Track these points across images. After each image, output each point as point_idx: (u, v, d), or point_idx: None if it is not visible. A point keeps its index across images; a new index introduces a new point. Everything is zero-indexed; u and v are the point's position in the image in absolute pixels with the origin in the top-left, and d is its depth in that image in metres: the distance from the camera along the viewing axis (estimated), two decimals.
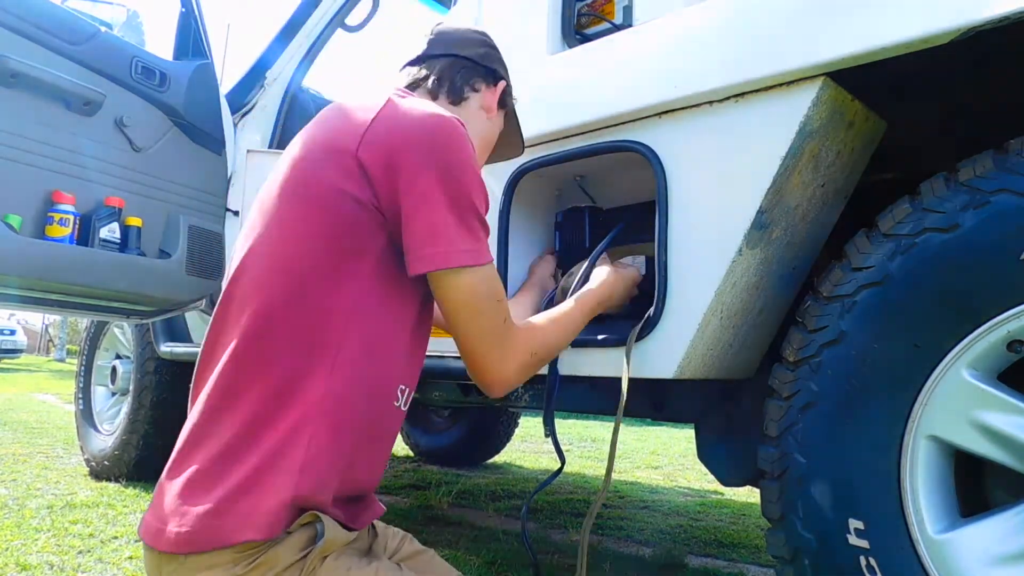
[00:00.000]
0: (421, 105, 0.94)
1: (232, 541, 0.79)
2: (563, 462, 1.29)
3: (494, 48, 1.18)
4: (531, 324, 1.05)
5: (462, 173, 0.89)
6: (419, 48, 1.16)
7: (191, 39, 2.10)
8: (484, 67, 1.15)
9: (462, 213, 0.89)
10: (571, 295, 1.19)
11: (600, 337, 1.24)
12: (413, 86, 1.12)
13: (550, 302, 1.32)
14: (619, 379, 1.22)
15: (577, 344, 1.24)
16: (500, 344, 0.95)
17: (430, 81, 1.11)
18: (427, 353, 1.73)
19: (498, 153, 1.29)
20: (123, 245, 1.83)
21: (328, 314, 0.87)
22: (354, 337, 0.88)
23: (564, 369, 1.27)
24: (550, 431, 1.25)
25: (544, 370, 1.28)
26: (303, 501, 0.83)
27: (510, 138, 1.27)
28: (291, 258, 0.89)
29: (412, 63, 1.15)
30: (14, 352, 18.72)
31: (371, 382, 0.91)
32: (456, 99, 1.12)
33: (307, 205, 0.89)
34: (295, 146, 0.97)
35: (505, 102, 1.19)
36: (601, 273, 1.23)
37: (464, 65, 1.13)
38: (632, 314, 1.30)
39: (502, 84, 1.17)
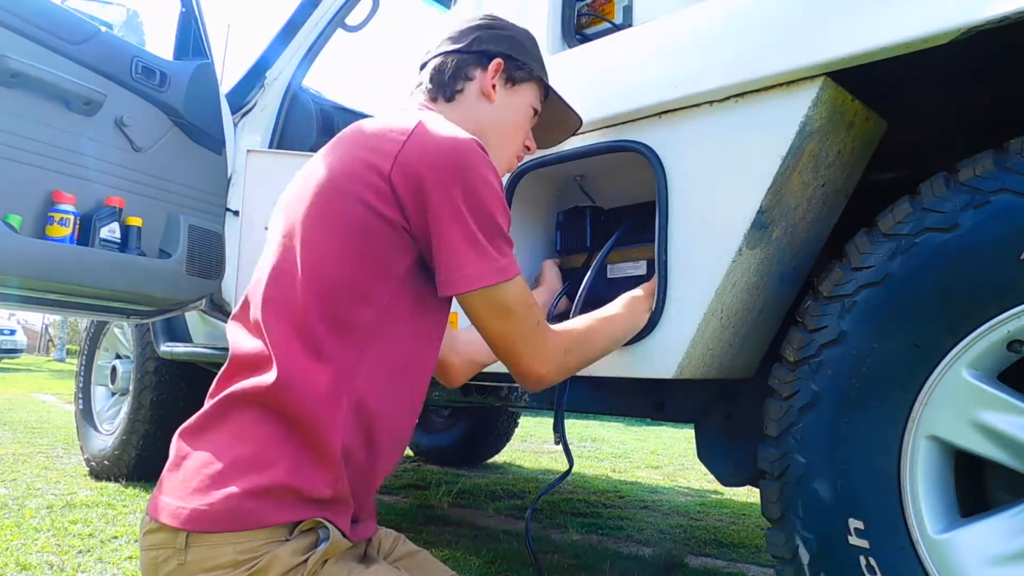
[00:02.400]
0: (446, 128, 0.94)
1: (224, 528, 0.81)
2: (571, 464, 1.29)
3: (488, 28, 1.13)
4: (566, 325, 1.07)
5: (482, 194, 0.90)
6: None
7: (191, 39, 2.10)
8: (473, 52, 1.10)
9: (486, 233, 0.90)
10: (579, 302, 1.22)
11: None
12: (415, 96, 1.12)
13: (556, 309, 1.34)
14: (623, 379, 1.22)
15: None
16: (532, 345, 0.98)
17: (423, 88, 1.11)
18: None
19: (551, 133, 1.25)
20: (123, 245, 1.83)
21: (353, 331, 0.89)
22: (373, 354, 0.90)
23: None
24: (560, 436, 1.25)
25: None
26: (299, 492, 0.84)
27: (557, 117, 1.22)
28: (323, 278, 0.89)
29: (419, 70, 1.15)
30: (14, 352, 18.70)
31: (390, 394, 0.93)
32: (449, 96, 1.10)
33: (340, 224, 0.90)
34: (321, 164, 0.96)
35: (514, 77, 1.13)
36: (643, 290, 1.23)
37: (451, 59, 1.10)
38: None
39: (497, 62, 1.11)
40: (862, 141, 1.15)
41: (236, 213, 2.10)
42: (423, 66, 1.14)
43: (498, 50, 1.12)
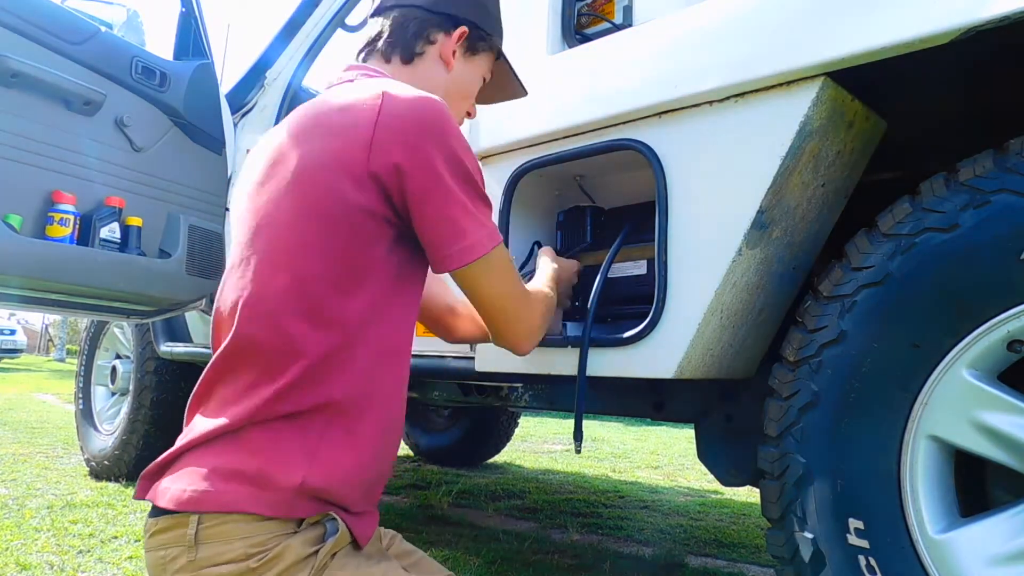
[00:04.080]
0: (410, 93, 0.89)
1: (236, 509, 0.80)
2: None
3: None
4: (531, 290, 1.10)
5: (461, 157, 0.89)
6: None
7: (191, 39, 2.10)
8: (439, 14, 1.05)
9: (472, 198, 0.90)
10: (591, 310, 1.23)
11: (601, 337, 1.24)
12: (369, 48, 1.07)
13: None
14: (622, 379, 1.22)
15: (576, 344, 1.24)
16: (522, 309, 1.03)
17: (381, 41, 1.06)
18: (427, 353, 1.74)
19: (495, 98, 1.23)
20: (123, 245, 1.83)
21: (343, 325, 0.87)
22: (370, 342, 0.89)
23: (564, 369, 1.27)
24: (578, 443, 1.24)
25: (557, 369, 1.27)
26: (316, 492, 0.84)
27: (503, 83, 1.20)
28: (304, 275, 0.87)
29: (372, 14, 1.10)
30: (14, 352, 18.72)
31: (385, 379, 0.92)
32: (408, 57, 1.05)
33: (318, 219, 0.86)
34: (289, 152, 0.91)
35: (475, 47, 1.09)
36: (545, 261, 1.29)
37: (415, 16, 1.05)
38: (633, 314, 1.30)
39: (461, 30, 1.06)
40: (862, 141, 1.15)
41: None
42: (380, 11, 1.08)
43: (464, 16, 1.07)
